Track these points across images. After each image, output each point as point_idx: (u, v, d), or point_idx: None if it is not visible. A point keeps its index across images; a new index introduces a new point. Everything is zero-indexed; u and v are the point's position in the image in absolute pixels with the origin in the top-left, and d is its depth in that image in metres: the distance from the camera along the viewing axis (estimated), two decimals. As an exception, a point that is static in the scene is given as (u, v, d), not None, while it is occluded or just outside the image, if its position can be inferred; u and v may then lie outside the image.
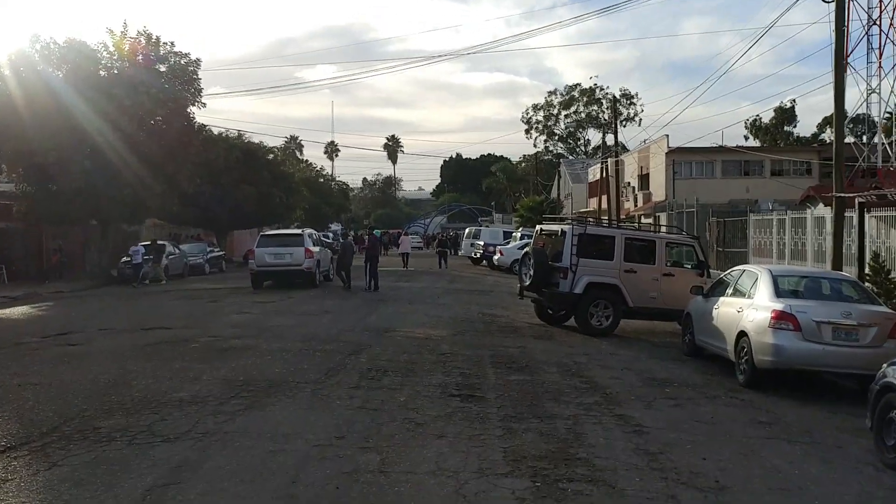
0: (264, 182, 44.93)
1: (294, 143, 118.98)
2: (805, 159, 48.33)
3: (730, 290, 12.38)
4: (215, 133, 45.60)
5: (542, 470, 6.39)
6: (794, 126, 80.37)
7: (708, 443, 7.62)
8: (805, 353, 10.23)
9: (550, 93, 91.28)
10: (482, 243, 42.69)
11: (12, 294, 25.16)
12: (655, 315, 16.23)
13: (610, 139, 49.55)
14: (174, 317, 16.66)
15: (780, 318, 10.38)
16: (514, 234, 43.13)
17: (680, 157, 46.45)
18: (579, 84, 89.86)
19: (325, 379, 9.71)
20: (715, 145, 47.69)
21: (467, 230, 50.11)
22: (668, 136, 46.56)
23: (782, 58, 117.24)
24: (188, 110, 31.60)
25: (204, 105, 32.16)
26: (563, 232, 15.86)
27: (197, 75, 31.40)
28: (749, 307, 11.21)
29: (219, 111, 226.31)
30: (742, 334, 11.05)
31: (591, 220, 19.54)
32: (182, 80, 31.03)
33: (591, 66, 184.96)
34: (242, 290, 24.82)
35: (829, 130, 78.80)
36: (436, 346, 12.92)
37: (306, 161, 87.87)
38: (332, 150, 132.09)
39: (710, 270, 16.79)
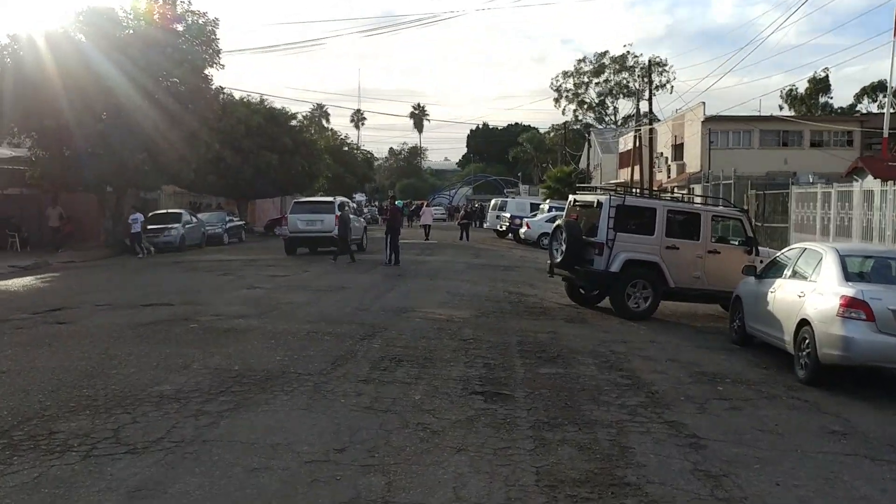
0: (286, 149, 43.78)
1: (320, 112, 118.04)
2: (847, 128, 46.25)
3: (788, 272, 11.00)
4: (236, 98, 44.50)
5: (584, 502, 5.18)
6: (830, 97, 77.90)
7: (777, 460, 6.36)
8: (880, 347, 8.87)
9: (580, 60, 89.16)
10: (508, 215, 41.34)
11: (21, 263, 24.27)
12: (698, 297, 14.91)
13: (643, 107, 47.74)
14: (179, 291, 15.58)
15: (851, 306, 9.01)
16: (541, 206, 41.69)
17: (716, 127, 44.66)
18: (608, 51, 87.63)
19: (331, 370, 8.54)
20: (753, 114, 45.87)
21: (493, 202, 48.74)
22: (704, 103, 44.76)
23: (817, 27, 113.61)
24: (206, 72, 30.39)
25: (222, 66, 30.96)
26: (599, 203, 14.51)
27: (215, 35, 30.15)
28: (812, 292, 9.84)
29: (245, 77, 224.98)
30: (804, 323, 9.70)
31: (634, 189, 17.90)
32: (200, 39, 29.82)
33: (622, 35, 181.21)
34: (259, 261, 23.79)
35: (866, 100, 76.38)
36: (458, 329, 11.71)
37: (331, 130, 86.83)
38: (358, 118, 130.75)
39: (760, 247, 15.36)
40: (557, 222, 15.39)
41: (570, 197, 16.16)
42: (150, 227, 30.22)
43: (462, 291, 16.64)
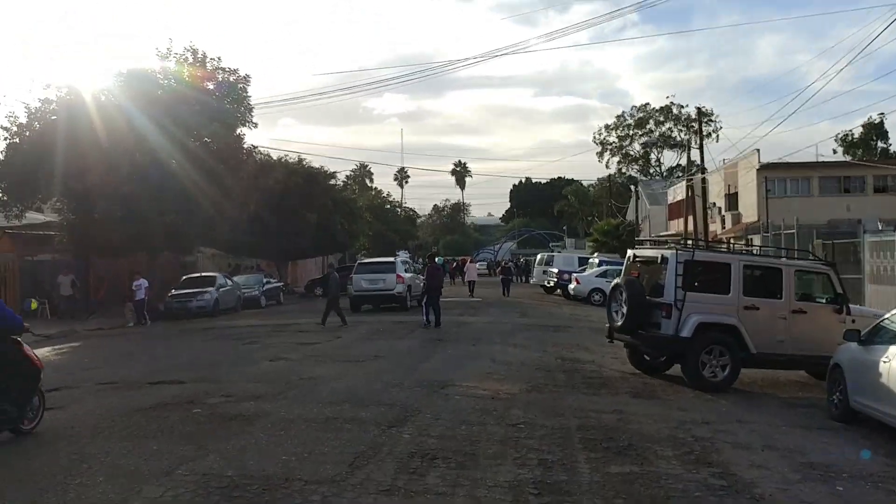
0: (325, 209, 42.73)
1: (363, 171, 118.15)
2: (915, 173, 43.78)
3: (904, 338, 9.10)
4: (274, 158, 43.75)
5: None
6: (888, 142, 75.20)
7: None
8: None
9: (618, 116, 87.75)
10: (556, 270, 39.47)
11: (47, 332, 23.14)
12: (782, 363, 12.91)
13: (692, 156, 45.87)
14: (195, 365, 14.07)
15: None
16: (590, 259, 39.79)
17: (772, 174, 42.48)
18: (648, 103, 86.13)
19: (347, 475, 6.81)
20: (812, 161, 43.66)
21: (539, 256, 46.98)
22: (758, 150, 42.70)
23: (861, 73, 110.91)
24: (239, 131, 29.51)
25: (255, 125, 30.10)
26: (664, 258, 12.69)
27: (246, 92, 29.34)
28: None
29: (289, 140, 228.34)
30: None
31: (700, 242, 15.86)
32: (231, 97, 29.00)
33: (662, 88, 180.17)
34: (291, 327, 22.31)
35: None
36: (505, 410, 9.92)
37: (375, 189, 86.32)
38: (401, 176, 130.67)
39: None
40: (616, 281, 13.56)
41: (629, 252, 14.32)
42: (182, 291, 29.11)
43: (508, 359, 14.86)
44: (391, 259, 31.03)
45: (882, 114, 72.10)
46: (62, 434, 8.39)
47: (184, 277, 30.87)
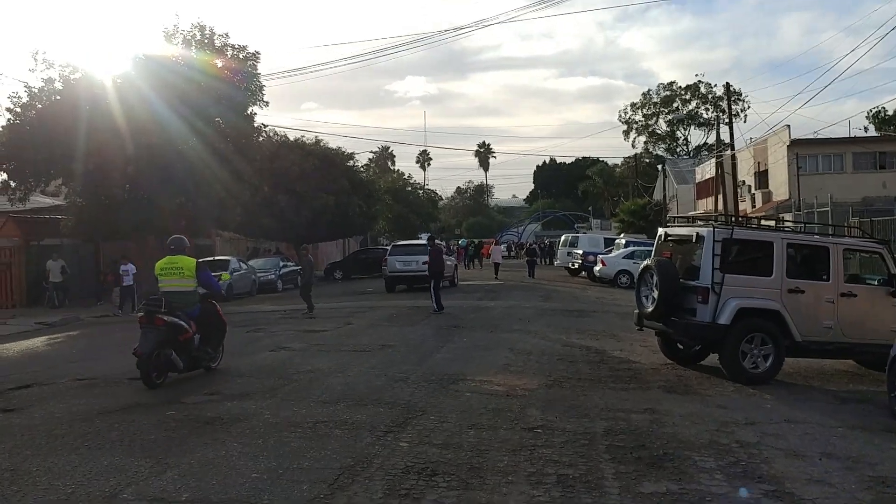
0: (343, 190, 41.65)
1: (385, 154, 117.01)
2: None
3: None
4: (291, 139, 42.72)
5: None
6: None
7: None
8: None
9: (644, 94, 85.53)
10: (580, 252, 38.11)
11: (49, 319, 22.36)
12: (830, 352, 11.61)
13: (722, 135, 44.13)
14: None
15: None
16: (617, 240, 38.38)
17: (803, 151, 40.79)
18: (675, 81, 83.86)
19: (325, 499, 5.68)
20: (845, 136, 41.85)
21: (563, 237, 45.59)
22: (788, 126, 41.01)
23: (892, 50, 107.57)
24: (249, 110, 28.39)
25: (266, 104, 28.92)
26: (700, 237, 11.39)
27: (256, 69, 28.17)
28: None
29: (312, 122, 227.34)
30: None
31: (741, 218, 14.32)
32: (240, 75, 27.85)
33: (687, 68, 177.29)
34: (303, 311, 21.21)
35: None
36: (521, 410, 8.74)
37: (397, 171, 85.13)
38: (424, 159, 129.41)
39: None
40: (646, 262, 12.24)
41: (660, 230, 12.99)
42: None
43: (528, 348, 13.66)
44: (423, 241, 31.57)
45: (918, 87, 69.86)
46: (5, 444, 7.32)
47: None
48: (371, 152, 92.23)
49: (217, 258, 30.97)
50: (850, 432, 8.28)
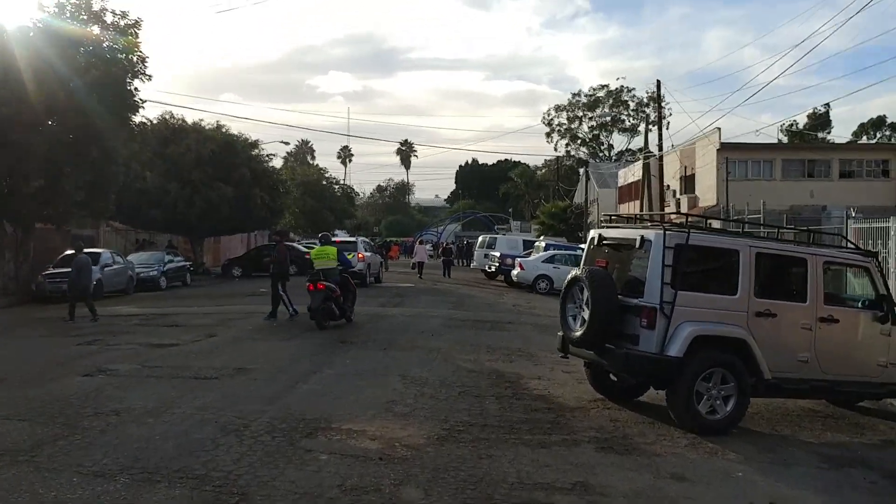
0: (244, 181, 38.04)
1: (305, 148, 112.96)
2: (883, 157, 40.98)
3: None
4: (188, 123, 38.93)
5: None
6: (828, 132, 73.98)
7: None
8: None
9: (574, 94, 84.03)
10: (498, 254, 35.58)
11: None
12: (805, 392, 9.12)
13: (647, 134, 42.37)
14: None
15: None
16: (536, 243, 36.00)
17: (733, 156, 39.24)
18: (607, 85, 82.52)
19: None
20: (775, 143, 40.59)
21: (480, 238, 43.06)
22: (719, 129, 39.44)
23: (806, 69, 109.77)
24: (127, 81, 24.73)
25: (149, 77, 25.28)
26: (646, 241, 8.72)
27: (137, 36, 24.56)
28: None
29: (234, 117, 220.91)
30: None
31: (705, 219, 11.48)
32: (119, 45, 24.25)
33: (612, 76, 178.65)
34: (170, 317, 17.97)
35: (865, 138, 72.00)
36: (394, 488, 5.90)
37: (316, 165, 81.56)
38: (345, 154, 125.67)
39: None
40: (574, 273, 9.47)
41: (593, 232, 10.22)
42: (58, 270, 24.36)
43: (425, 375, 10.80)
44: (353, 238, 33.16)
45: (828, 104, 71.38)
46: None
47: (63, 254, 26.09)
48: (284, 142, 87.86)
49: (88, 251, 27.07)
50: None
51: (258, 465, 6.34)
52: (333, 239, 21.57)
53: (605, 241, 9.70)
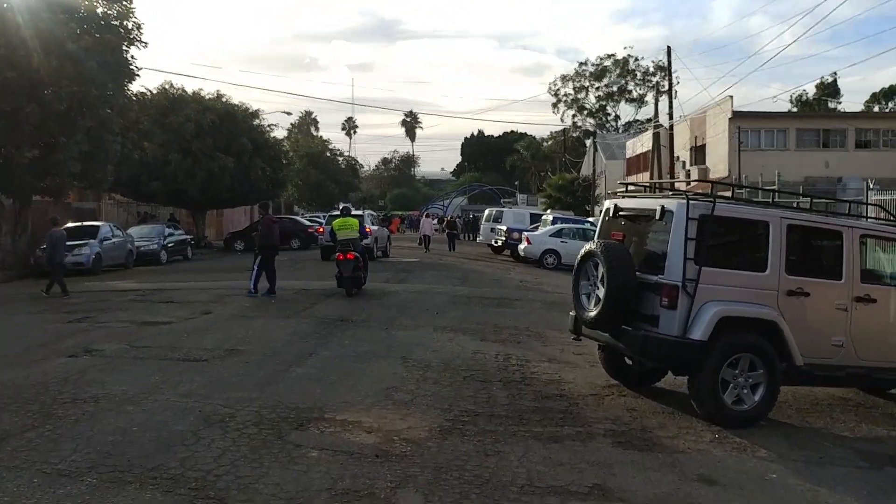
0: (245, 151, 37.34)
1: (308, 119, 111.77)
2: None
3: None
4: (189, 93, 38.16)
5: None
6: (839, 101, 72.62)
7: None
8: None
9: (581, 63, 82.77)
10: (504, 228, 34.89)
11: None
12: (840, 380, 8.42)
13: (658, 107, 41.37)
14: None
15: None
16: (543, 217, 35.27)
17: (746, 125, 38.36)
18: (614, 54, 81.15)
19: None
20: (789, 111, 39.62)
21: (486, 212, 42.37)
22: (731, 97, 38.51)
23: (817, 38, 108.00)
24: (122, 48, 23.95)
25: (145, 45, 24.49)
26: (666, 212, 8.00)
27: (132, 2, 23.75)
28: None
29: (239, 87, 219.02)
30: None
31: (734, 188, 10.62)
32: (114, 10, 23.43)
33: (619, 45, 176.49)
34: (167, 293, 17.34)
35: (877, 107, 70.79)
36: (390, 491, 5.28)
37: (320, 137, 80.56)
38: (350, 126, 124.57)
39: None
40: (588, 247, 8.77)
41: (608, 203, 9.51)
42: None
43: (428, 357, 10.17)
44: (360, 212, 30.86)
45: (835, 73, 70.04)
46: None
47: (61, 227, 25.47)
48: (286, 112, 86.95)
49: (86, 224, 26.44)
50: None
51: (241, 462, 5.72)
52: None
53: (621, 212, 8.99)
